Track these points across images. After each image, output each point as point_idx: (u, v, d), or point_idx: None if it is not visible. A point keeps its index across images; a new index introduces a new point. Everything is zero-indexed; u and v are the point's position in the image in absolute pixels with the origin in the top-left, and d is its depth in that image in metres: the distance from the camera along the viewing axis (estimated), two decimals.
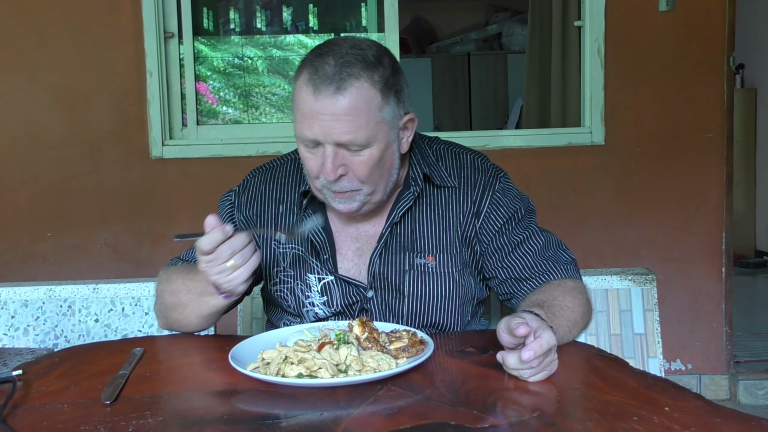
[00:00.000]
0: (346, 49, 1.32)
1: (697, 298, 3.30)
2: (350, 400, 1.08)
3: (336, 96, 1.28)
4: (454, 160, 1.52)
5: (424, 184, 1.48)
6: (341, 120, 1.29)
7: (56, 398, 1.13)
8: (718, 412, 1.00)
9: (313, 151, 1.35)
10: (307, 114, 1.31)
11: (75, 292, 1.99)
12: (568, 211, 3.28)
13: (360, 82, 1.30)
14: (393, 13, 3.28)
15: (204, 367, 1.28)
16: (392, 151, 1.39)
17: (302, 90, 1.31)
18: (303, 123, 1.33)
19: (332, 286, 1.46)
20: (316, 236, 1.46)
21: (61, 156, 3.20)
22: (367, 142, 1.33)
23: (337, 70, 1.29)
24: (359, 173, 1.35)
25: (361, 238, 1.48)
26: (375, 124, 1.32)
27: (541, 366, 1.12)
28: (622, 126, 3.25)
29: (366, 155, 1.34)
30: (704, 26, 3.20)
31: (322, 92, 1.29)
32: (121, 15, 3.16)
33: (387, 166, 1.39)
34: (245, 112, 4.59)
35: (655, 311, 1.91)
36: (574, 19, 3.46)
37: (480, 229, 1.47)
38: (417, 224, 1.47)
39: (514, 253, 1.47)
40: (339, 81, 1.29)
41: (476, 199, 1.48)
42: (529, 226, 1.51)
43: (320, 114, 1.30)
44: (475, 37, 6.41)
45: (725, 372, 3.30)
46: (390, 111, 1.35)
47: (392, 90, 1.34)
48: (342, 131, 1.30)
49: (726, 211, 3.26)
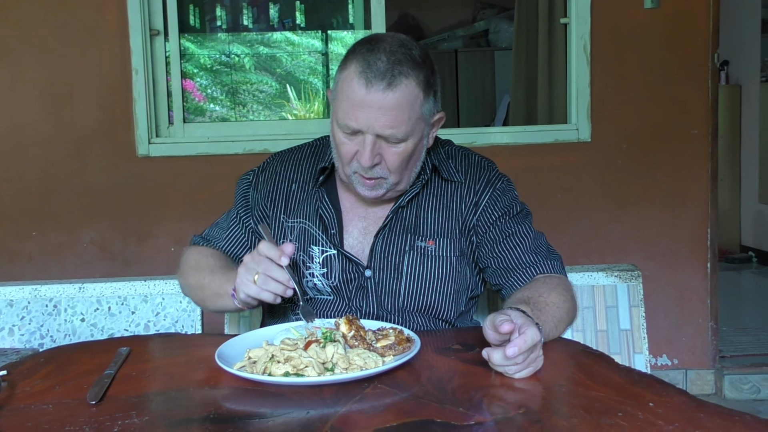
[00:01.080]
0: (395, 47, 1.39)
1: (683, 294, 3.32)
2: (337, 398, 1.08)
3: (387, 91, 1.36)
4: (463, 159, 1.60)
5: (432, 174, 1.56)
6: (387, 114, 1.37)
7: (41, 398, 1.13)
8: (702, 407, 1.01)
9: (351, 138, 1.42)
10: (356, 104, 1.38)
11: (61, 292, 1.97)
12: (555, 207, 3.29)
13: (408, 80, 1.38)
14: (380, 10, 3.27)
15: (190, 367, 1.27)
16: (422, 145, 1.48)
17: (353, 81, 1.38)
18: (349, 112, 1.39)
19: (333, 260, 1.52)
20: (326, 211, 1.53)
21: (46, 154, 3.18)
22: (406, 137, 1.41)
23: (389, 67, 1.36)
24: (392, 164, 1.43)
25: (369, 218, 1.55)
26: (415, 120, 1.41)
27: (527, 362, 1.13)
28: (609, 123, 3.26)
29: (402, 148, 1.42)
30: (689, 23, 3.22)
31: (374, 86, 1.36)
32: (105, 12, 3.14)
33: (415, 158, 1.48)
34: (232, 109, 4.58)
35: (641, 307, 1.92)
36: (560, 16, 3.47)
37: (477, 220, 1.54)
38: (421, 210, 1.54)
39: (506, 242, 1.53)
40: (390, 77, 1.36)
41: (478, 192, 1.55)
42: (523, 222, 1.57)
43: (369, 106, 1.37)
44: (463, 33, 6.41)
45: (711, 367, 3.33)
46: (428, 109, 1.43)
47: (432, 89, 1.43)
48: (386, 124, 1.38)
49: (711, 207, 3.28)
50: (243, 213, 1.62)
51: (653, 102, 3.26)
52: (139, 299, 1.96)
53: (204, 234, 1.67)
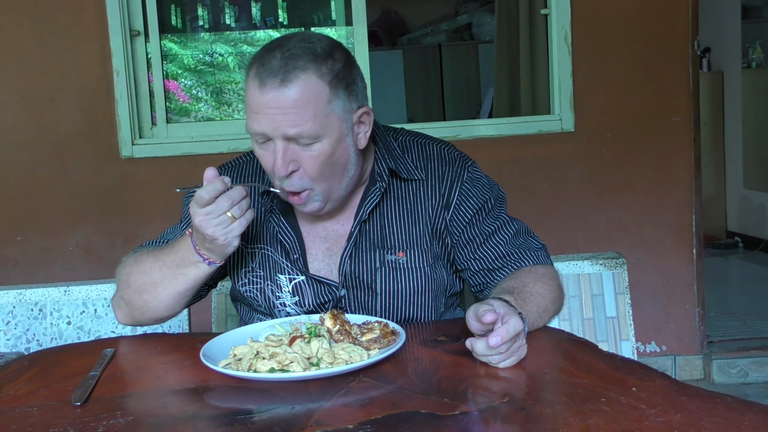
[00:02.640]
0: (294, 43, 1.32)
1: (670, 281, 3.34)
2: (322, 392, 1.08)
3: (281, 88, 1.28)
4: (420, 151, 1.50)
5: (390, 179, 1.46)
6: (288, 113, 1.28)
7: (26, 401, 1.12)
8: (684, 390, 1.02)
9: (265, 146, 1.34)
10: (254, 108, 1.30)
11: (46, 295, 1.96)
12: (541, 198, 3.30)
13: (306, 74, 1.29)
14: (361, 6, 3.27)
15: (175, 366, 1.27)
16: (346, 146, 1.36)
17: (250, 85, 1.31)
18: (251, 117, 1.32)
19: (304, 286, 1.45)
20: (285, 236, 1.45)
21: (28, 158, 3.16)
22: (316, 136, 1.31)
23: (282, 63, 1.28)
24: (310, 170, 1.33)
25: (330, 237, 1.47)
26: (324, 117, 1.30)
27: (510, 351, 1.13)
28: (592, 112, 3.28)
29: (317, 150, 1.32)
30: (668, 11, 3.24)
31: (267, 85, 1.28)
32: (84, 13, 3.12)
33: (341, 162, 1.36)
34: (217, 109, 4.57)
35: (626, 294, 1.93)
36: (540, 7, 3.48)
37: (450, 221, 1.46)
38: (386, 220, 1.46)
39: (486, 244, 1.47)
40: (284, 73, 1.28)
41: (444, 191, 1.46)
42: (500, 215, 1.50)
43: (267, 107, 1.29)
44: (446, 27, 6.42)
45: (699, 352, 3.35)
46: (340, 104, 1.33)
47: (342, 83, 1.32)
48: (289, 124, 1.29)
49: (695, 194, 3.30)
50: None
51: (635, 90, 3.28)
52: None
53: (145, 245, 1.55)
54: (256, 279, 1.47)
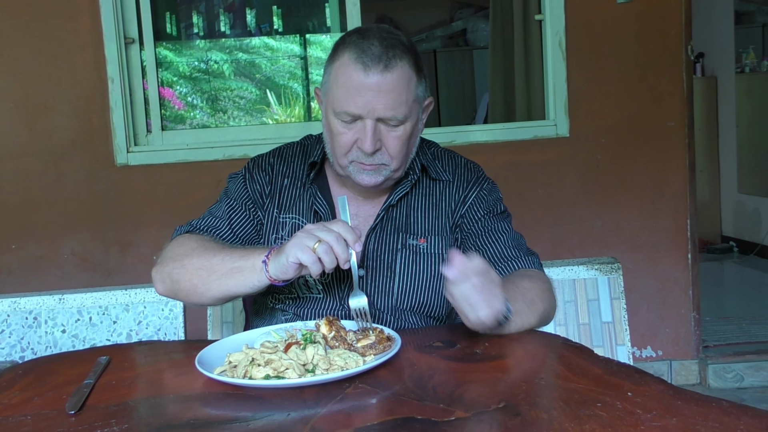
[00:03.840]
0: (385, 33, 1.43)
1: (665, 285, 3.34)
2: (318, 399, 1.08)
3: (385, 73, 1.39)
4: (450, 160, 1.63)
5: (421, 174, 1.58)
6: (387, 96, 1.39)
7: (20, 410, 1.12)
8: (679, 395, 1.02)
9: (350, 126, 1.44)
10: (354, 90, 1.40)
11: (41, 304, 1.96)
12: (537, 203, 3.31)
13: (403, 62, 1.41)
14: (355, 12, 3.28)
15: (171, 373, 1.27)
16: (417, 130, 1.50)
17: (350, 68, 1.40)
18: (348, 98, 1.40)
19: None
20: (321, 207, 1.54)
21: (23, 166, 3.15)
22: (405, 118, 1.43)
23: (384, 51, 1.39)
24: (392, 148, 1.45)
25: (360, 215, 1.56)
26: (412, 102, 1.43)
27: (477, 286, 1.19)
28: (586, 118, 3.28)
29: (401, 131, 1.44)
30: (662, 17, 3.25)
31: (371, 69, 1.38)
32: (79, 22, 3.12)
33: (412, 142, 1.50)
34: (213, 116, 4.56)
35: (621, 299, 1.94)
36: (534, 13, 3.49)
37: (463, 217, 1.57)
38: (411, 209, 1.56)
39: (485, 237, 1.56)
40: (387, 60, 1.39)
41: (466, 191, 1.59)
42: (504, 221, 1.60)
43: (368, 90, 1.39)
44: (441, 33, 6.44)
45: (695, 357, 3.35)
46: (422, 90, 1.47)
47: (422, 72, 1.46)
48: (385, 106, 1.40)
49: (690, 198, 3.31)
50: (250, 203, 1.57)
51: (629, 95, 3.29)
52: (121, 308, 1.95)
53: (195, 224, 1.56)
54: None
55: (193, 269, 1.43)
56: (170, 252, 1.49)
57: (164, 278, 1.48)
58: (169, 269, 1.47)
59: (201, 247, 1.46)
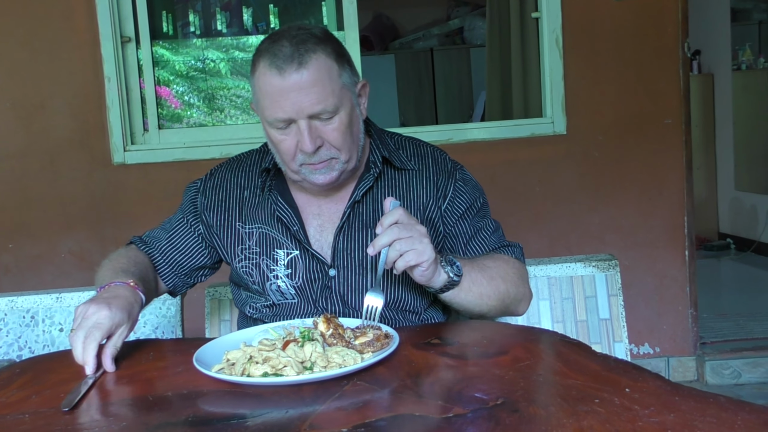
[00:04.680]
0: (294, 32, 1.41)
1: (663, 282, 3.35)
2: (316, 396, 1.07)
3: (300, 71, 1.37)
4: (414, 149, 1.61)
5: (383, 166, 1.56)
6: (310, 92, 1.38)
7: (17, 408, 1.11)
8: (677, 391, 1.02)
9: (287, 132, 1.42)
10: (276, 95, 1.39)
11: (38, 303, 1.95)
12: (534, 200, 3.31)
13: (317, 54, 1.39)
14: (352, 11, 3.28)
15: (168, 371, 1.27)
16: (357, 114, 1.48)
17: (266, 75, 1.39)
18: (274, 106, 1.40)
19: (298, 261, 1.52)
20: (283, 212, 1.53)
21: (19, 165, 3.15)
22: (336, 109, 1.41)
23: (294, 49, 1.38)
24: (334, 140, 1.43)
25: (323, 215, 1.55)
26: (339, 91, 1.41)
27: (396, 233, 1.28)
28: (583, 115, 3.29)
29: (337, 122, 1.42)
30: (659, 14, 3.25)
31: (286, 71, 1.37)
32: (75, 20, 3.11)
33: (355, 130, 1.47)
34: (209, 115, 4.56)
35: (619, 296, 1.94)
36: (531, 11, 3.49)
37: (445, 211, 1.56)
38: (378, 204, 1.54)
39: (473, 240, 1.57)
40: (299, 56, 1.37)
41: (440, 184, 1.56)
42: (486, 215, 1.61)
43: (289, 92, 1.37)
44: (438, 32, 6.44)
45: (692, 354, 3.36)
46: (347, 77, 1.44)
47: (343, 59, 1.44)
48: (312, 102, 1.38)
49: (687, 195, 3.32)
50: (191, 217, 1.62)
51: (626, 93, 3.29)
52: None
53: (144, 235, 1.65)
54: (251, 255, 1.55)
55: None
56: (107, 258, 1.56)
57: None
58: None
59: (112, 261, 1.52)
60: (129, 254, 1.57)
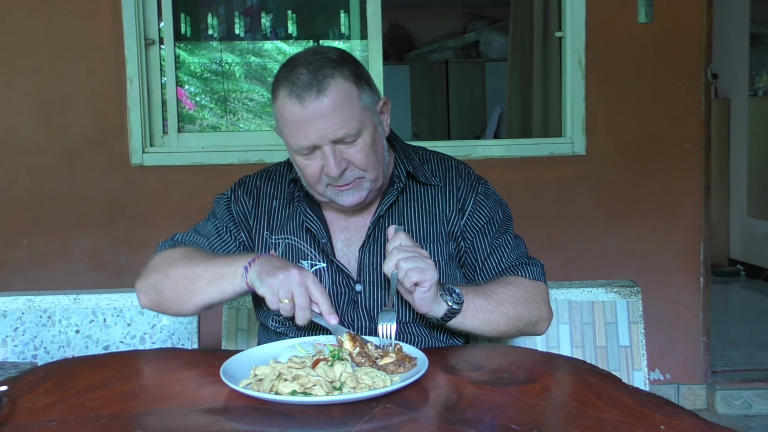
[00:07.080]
0: (311, 57, 1.42)
1: (676, 308, 3.33)
2: (345, 417, 1.06)
3: (320, 98, 1.37)
4: (439, 163, 1.61)
5: (408, 181, 1.56)
6: (331, 118, 1.38)
7: (44, 415, 1.11)
8: (713, 429, 1.00)
9: (311, 157, 1.43)
10: (298, 124, 1.39)
11: (55, 303, 1.95)
12: (550, 220, 3.29)
13: (336, 79, 1.39)
14: (375, 21, 3.27)
15: (194, 383, 1.25)
16: (380, 134, 1.48)
17: (286, 104, 1.40)
18: (297, 134, 1.40)
19: (323, 273, 1.51)
20: (312, 223, 1.53)
21: (37, 162, 3.15)
22: (359, 131, 1.41)
23: (312, 76, 1.38)
24: (359, 161, 1.43)
25: (351, 228, 1.55)
26: (360, 113, 1.41)
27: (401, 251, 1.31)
28: (603, 136, 3.27)
29: (360, 144, 1.42)
30: (682, 38, 3.24)
31: (306, 99, 1.37)
32: (99, 20, 3.12)
33: (379, 149, 1.48)
34: (222, 117, 4.57)
35: (640, 323, 1.93)
36: (555, 30, 3.49)
37: (465, 225, 1.56)
38: (403, 217, 1.54)
39: (493, 256, 1.55)
40: (318, 84, 1.38)
41: (461, 198, 1.57)
42: (507, 230, 1.60)
43: (310, 119, 1.38)
44: (453, 44, 6.44)
45: (702, 382, 3.33)
46: (367, 97, 1.44)
47: (362, 80, 1.44)
48: (334, 128, 1.38)
49: (704, 221, 3.30)
50: (231, 225, 1.59)
51: (647, 116, 3.28)
52: (135, 311, 1.94)
53: (179, 238, 1.60)
54: None
55: (177, 279, 1.46)
56: (154, 264, 1.53)
57: (148, 290, 1.51)
58: (153, 281, 1.50)
59: (185, 257, 1.49)
60: (189, 249, 1.53)
